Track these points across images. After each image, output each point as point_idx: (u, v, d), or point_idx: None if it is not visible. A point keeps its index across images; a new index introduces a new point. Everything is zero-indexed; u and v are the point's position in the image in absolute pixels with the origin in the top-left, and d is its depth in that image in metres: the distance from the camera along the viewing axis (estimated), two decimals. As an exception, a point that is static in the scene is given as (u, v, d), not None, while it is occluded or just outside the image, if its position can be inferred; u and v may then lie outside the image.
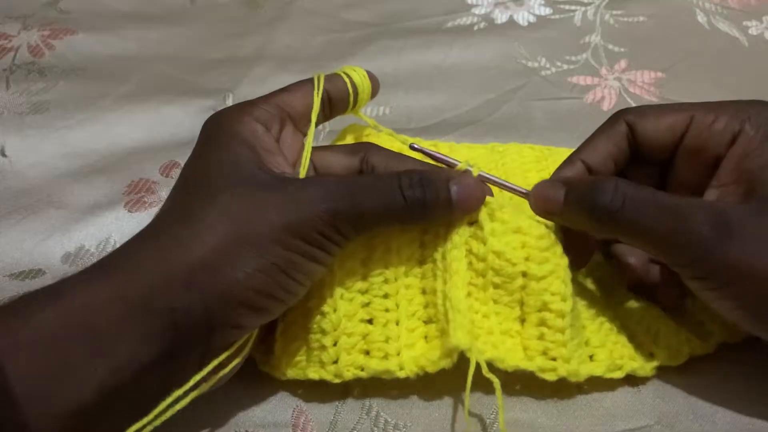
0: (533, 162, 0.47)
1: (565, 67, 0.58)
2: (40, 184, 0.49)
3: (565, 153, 0.47)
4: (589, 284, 0.40)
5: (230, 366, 0.32)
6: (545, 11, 0.64)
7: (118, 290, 0.29)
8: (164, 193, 0.48)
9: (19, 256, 0.44)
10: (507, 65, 0.58)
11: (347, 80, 0.39)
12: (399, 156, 0.38)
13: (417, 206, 0.33)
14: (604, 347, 0.36)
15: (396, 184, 0.33)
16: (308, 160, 0.36)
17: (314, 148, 0.37)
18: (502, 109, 0.54)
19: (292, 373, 0.36)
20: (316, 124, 0.38)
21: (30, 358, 0.28)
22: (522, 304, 0.35)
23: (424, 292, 0.36)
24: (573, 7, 0.64)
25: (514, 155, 0.47)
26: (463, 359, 0.33)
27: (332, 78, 0.39)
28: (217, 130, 0.35)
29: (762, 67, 0.57)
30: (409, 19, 0.64)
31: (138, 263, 0.30)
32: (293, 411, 0.36)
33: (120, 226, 0.46)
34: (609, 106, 0.54)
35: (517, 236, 0.35)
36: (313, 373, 0.35)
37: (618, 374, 0.36)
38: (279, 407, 0.36)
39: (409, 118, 0.54)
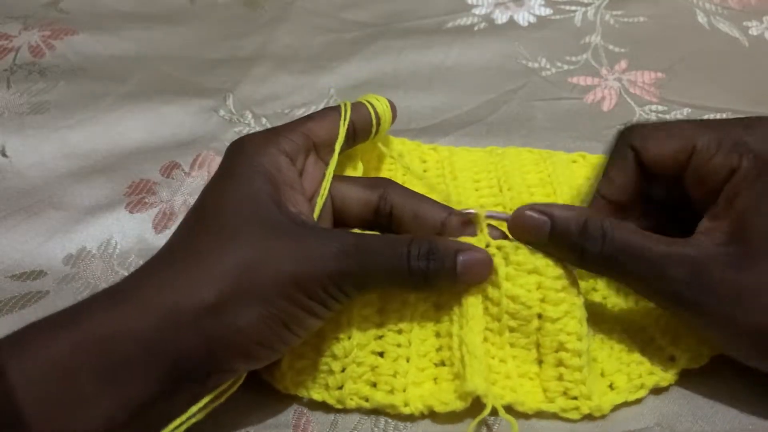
0: (532, 164, 0.47)
1: (566, 67, 0.58)
2: (41, 184, 0.49)
3: (563, 156, 0.48)
4: (592, 299, 0.39)
5: (221, 399, 0.32)
6: (545, 11, 0.64)
7: (128, 326, 0.30)
8: (165, 194, 0.48)
9: (20, 258, 0.44)
10: (507, 65, 0.58)
11: (371, 110, 0.39)
12: (418, 196, 0.38)
13: (420, 278, 0.33)
14: (620, 372, 0.36)
15: (405, 251, 0.33)
16: (325, 196, 0.37)
17: (333, 179, 0.38)
18: (502, 109, 0.54)
19: (295, 390, 0.36)
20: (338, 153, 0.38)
21: (42, 389, 0.28)
22: (538, 345, 0.35)
23: (438, 335, 0.36)
24: (573, 8, 0.64)
25: (513, 158, 0.47)
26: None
27: (357, 107, 0.39)
28: (241, 160, 0.35)
29: (762, 67, 0.57)
30: (409, 19, 0.64)
31: (148, 299, 0.30)
32: (294, 412, 0.36)
33: (121, 227, 0.46)
34: (609, 107, 0.54)
35: (532, 277, 0.35)
36: (317, 395, 0.35)
37: (641, 393, 0.35)
38: (280, 408, 0.36)
39: (409, 118, 0.54)
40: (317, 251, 0.32)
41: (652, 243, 0.33)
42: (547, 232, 0.34)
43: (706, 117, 0.52)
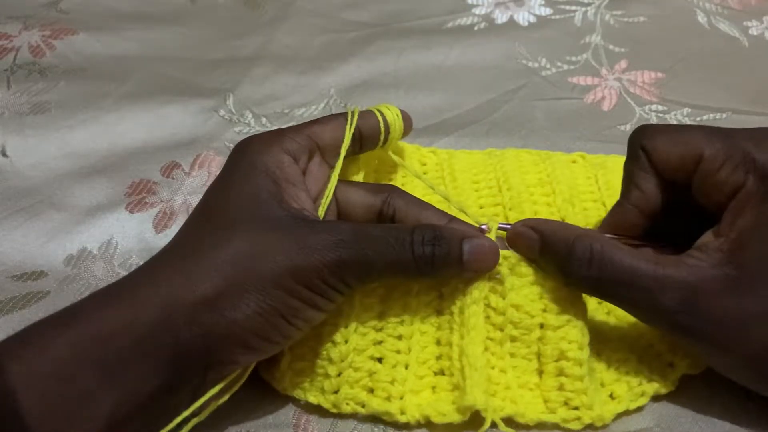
0: (531, 165, 0.47)
1: (566, 67, 0.58)
2: (41, 184, 0.49)
3: (563, 157, 0.48)
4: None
5: (224, 397, 0.33)
6: (545, 11, 0.64)
7: (125, 322, 0.30)
8: (165, 194, 0.48)
9: (21, 259, 0.44)
10: (507, 65, 0.58)
11: (380, 118, 0.40)
12: (421, 203, 0.38)
13: (425, 263, 0.33)
14: (620, 381, 0.36)
15: (408, 238, 0.33)
16: (330, 196, 0.37)
17: (338, 182, 0.38)
18: (503, 109, 0.54)
19: (292, 391, 0.36)
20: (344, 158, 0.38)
21: (44, 389, 0.28)
22: (539, 355, 0.35)
23: (438, 343, 0.36)
24: (573, 8, 0.64)
25: (512, 159, 0.47)
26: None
27: (365, 114, 0.39)
28: (243, 160, 0.35)
29: (762, 67, 0.57)
30: (409, 20, 0.64)
31: (146, 296, 0.31)
32: (294, 411, 0.36)
33: (121, 227, 0.46)
34: (609, 107, 0.54)
35: (535, 287, 0.35)
36: (313, 398, 0.35)
37: (642, 401, 0.35)
38: (280, 408, 0.36)
39: (410, 118, 0.54)
40: (315, 242, 0.32)
41: (643, 265, 0.32)
42: (537, 249, 0.35)
43: (706, 117, 0.52)
